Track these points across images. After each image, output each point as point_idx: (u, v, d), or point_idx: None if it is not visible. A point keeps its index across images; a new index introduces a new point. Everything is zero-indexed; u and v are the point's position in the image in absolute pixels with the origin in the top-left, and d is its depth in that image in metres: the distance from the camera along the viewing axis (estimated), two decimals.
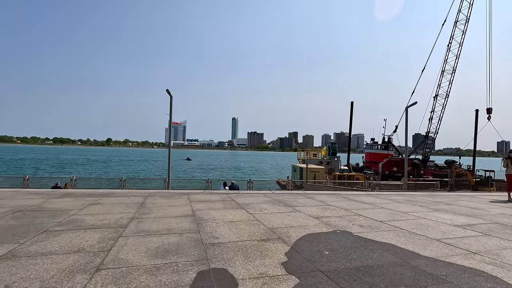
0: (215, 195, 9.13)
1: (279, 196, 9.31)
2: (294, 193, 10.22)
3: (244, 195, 9.29)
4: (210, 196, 8.84)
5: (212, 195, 8.98)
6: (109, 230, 4.65)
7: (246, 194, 9.63)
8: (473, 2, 31.93)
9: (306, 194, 10.03)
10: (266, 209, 6.78)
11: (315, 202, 8.12)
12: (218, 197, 8.65)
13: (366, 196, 9.81)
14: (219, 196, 8.75)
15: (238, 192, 10.19)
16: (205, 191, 10.27)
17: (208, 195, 9.08)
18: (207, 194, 9.21)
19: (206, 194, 9.36)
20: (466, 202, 8.96)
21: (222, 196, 8.89)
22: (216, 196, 8.86)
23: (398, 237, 4.65)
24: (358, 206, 7.53)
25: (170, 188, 15.78)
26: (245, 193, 9.96)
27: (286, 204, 7.63)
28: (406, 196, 10.17)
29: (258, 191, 10.62)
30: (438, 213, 6.80)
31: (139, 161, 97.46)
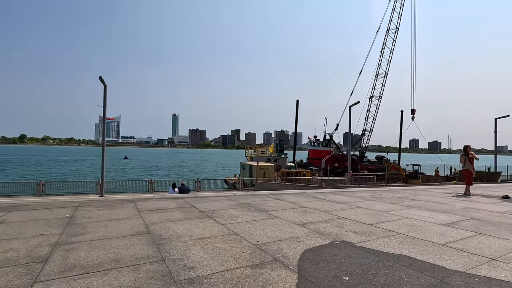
0: (169, 201, 7.62)
1: (244, 198, 8.25)
2: (258, 194, 9.30)
3: (204, 199, 7.98)
4: (163, 202, 7.30)
5: (166, 201, 7.45)
6: (15, 272, 2.98)
7: (206, 197, 8.33)
8: (401, 13, 35.60)
9: (271, 194, 9.19)
10: (238, 217, 5.67)
11: (287, 204, 7.29)
12: (173, 203, 7.18)
13: (332, 194, 9.43)
14: (174, 202, 7.27)
15: (196, 196, 8.81)
16: (155, 196, 8.62)
17: (160, 201, 7.52)
18: (159, 200, 7.63)
19: (157, 200, 7.77)
20: (426, 196, 9.19)
21: (178, 202, 7.43)
22: (171, 202, 7.36)
23: (403, 244, 4.05)
24: (333, 207, 6.96)
25: (107, 192, 13.39)
26: (204, 196, 8.63)
27: (258, 208, 6.63)
28: (369, 192, 10.12)
29: (218, 193, 9.40)
30: (414, 211, 6.61)
31: (64, 161, 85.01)
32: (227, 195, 8.94)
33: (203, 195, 8.89)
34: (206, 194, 9.03)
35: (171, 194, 13.78)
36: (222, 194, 9.01)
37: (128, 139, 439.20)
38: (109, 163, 74.18)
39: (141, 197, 8.25)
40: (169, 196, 8.54)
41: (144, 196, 8.48)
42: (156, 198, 8.04)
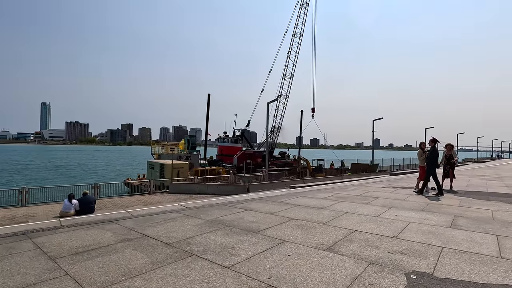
0: (94, 229, 4.83)
1: (202, 212, 6.21)
2: (213, 203, 7.37)
3: (148, 219, 5.52)
4: (86, 233, 4.53)
5: (90, 231, 4.67)
6: None
7: (149, 216, 5.84)
8: (305, 20, 38.68)
9: (235, 203, 7.37)
10: (233, 248, 3.82)
11: (267, 216, 5.74)
12: (107, 233, 4.54)
13: (294, 197, 8.41)
14: (108, 232, 4.62)
15: (132, 215, 6.08)
16: (61, 221, 5.51)
17: (79, 231, 4.69)
18: (76, 230, 4.76)
19: (72, 229, 4.85)
20: (379, 193, 9.34)
21: (112, 229, 4.78)
22: (99, 232, 4.65)
23: (474, 265, 3.30)
24: (322, 216, 5.87)
25: None
26: (143, 214, 6.07)
27: (241, 228, 4.85)
28: (327, 192, 9.53)
29: (160, 207, 6.94)
30: (404, 212, 6.24)
31: None
32: (175, 208, 6.67)
33: (140, 212, 6.34)
34: (144, 210, 6.49)
35: (67, 210, 10.01)
36: (169, 208, 6.67)
37: None
38: None
39: (38, 226, 5.09)
40: (86, 220, 5.62)
41: (42, 225, 5.29)
42: (68, 226, 5.08)
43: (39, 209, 14.75)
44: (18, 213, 13.52)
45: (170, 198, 18.41)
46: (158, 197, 18.92)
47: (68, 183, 35.40)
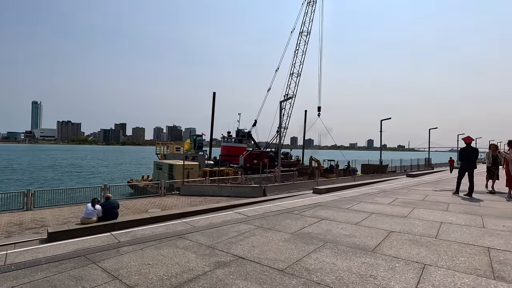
0: (169, 246, 3.78)
1: (271, 221, 5.23)
2: (276, 209, 6.40)
3: (219, 231, 4.52)
4: (162, 254, 3.50)
5: (167, 250, 3.63)
6: None
7: (218, 226, 4.83)
8: (313, 18, 37.97)
9: (297, 210, 6.42)
10: (380, 280, 2.93)
11: (366, 229, 4.84)
12: (191, 255, 3.49)
13: (357, 203, 7.49)
14: (189, 252, 3.57)
15: (202, 227, 5.03)
16: (117, 237, 4.47)
17: (151, 250, 3.63)
18: (148, 249, 3.72)
19: (142, 248, 3.82)
20: (444, 198, 8.42)
21: (191, 248, 3.70)
22: (180, 251, 3.58)
23: None
24: (428, 227, 4.99)
25: None
26: (208, 224, 5.05)
27: (347, 244, 3.92)
28: (384, 196, 8.62)
29: (220, 215, 5.97)
30: (464, 216, 5.43)
31: None
32: (236, 217, 5.71)
33: (199, 222, 5.35)
34: (202, 220, 5.48)
35: (89, 216, 8.96)
36: (229, 217, 5.69)
37: None
38: None
39: (91, 244, 4.07)
40: (145, 234, 4.61)
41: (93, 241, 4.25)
42: (129, 243, 4.07)
43: (47, 213, 13.61)
44: (25, 218, 12.38)
45: (185, 201, 17.37)
46: (171, 200, 17.86)
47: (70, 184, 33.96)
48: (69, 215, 13.07)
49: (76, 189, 16.85)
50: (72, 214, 13.43)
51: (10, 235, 9.74)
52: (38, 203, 14.68)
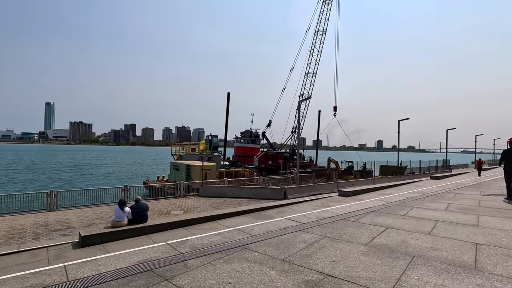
0: (239, 260, 3.36)
1: (330, 229, 4.75)
2: (328, 216, 5.93)
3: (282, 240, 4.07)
4: (237, 269, 3.05)
5: (239, 264, 3.19)
6: None
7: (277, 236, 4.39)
8: (329, 17, 37.32)
9: (348, 216, 5.94)
10: None
11: (446, 241, 4.33)
12: (270, 272, 3.04)
13: (409, 208, 6.95)
14: (268, 268, 3.12)
15: (260, 235, 4.55)
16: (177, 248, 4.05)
17: (222, 264, 3.17)
18: (217, 262, 3.29)
19: (211, 261, 3.36)
20: (468, 200, 7.86)
21: (264, 262, 3.25)
22: (255, 266, 3.14)
23: None
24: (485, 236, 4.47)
25: None
26: (265, 232, 4.60)
27: (442, 260, 3.43)
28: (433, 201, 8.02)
29: (274, 222, 5.54)
30: None
31: None
32: (290, 224, 5.27)
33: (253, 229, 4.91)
34: (256, 227, 5.03)
35: (120, 219, 8.66)
36: (283, 225, 5.27)
37: None
38: None
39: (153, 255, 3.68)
40: (204, 244, 4.18)
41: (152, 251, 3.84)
42: (192, 256, 3.65)
43: (70, 214, 13.45)
44: (50, 219, 12.20)
45: (206, 203, 17.02)
46: (192, 201, 17.55)
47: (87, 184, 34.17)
48: (93, 217, 12.86)
49: (97, 190, 16.69)
50: (96, 215, 13.22)
51: (38, 237, 9.52)
52: (60, 203, 14.56)
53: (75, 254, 6.99)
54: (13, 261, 6.64)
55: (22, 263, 6.42)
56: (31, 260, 6.66)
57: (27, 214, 13.22)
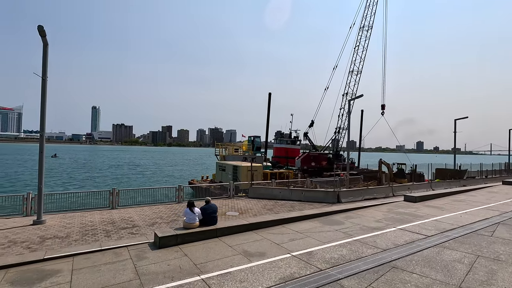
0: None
1: (486, 242, 3.97)
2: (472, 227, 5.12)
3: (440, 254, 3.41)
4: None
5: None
6: None
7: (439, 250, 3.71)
8: (375, 11, 35.33)
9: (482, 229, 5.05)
10: None
11: None
12: None
13: None
14: None
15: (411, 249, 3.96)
16: (316, 264, 3.58)
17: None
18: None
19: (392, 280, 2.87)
20: None
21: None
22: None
23: None
24: None
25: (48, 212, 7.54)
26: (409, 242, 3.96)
27: None
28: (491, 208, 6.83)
29: (384, 233, 4.87)
30: None
31: None
32: (414, 234, 4.53)
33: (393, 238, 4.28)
34: (385, 240, 4.40)
35: (192, 221, 8.45)
36: (409, 236, 4.55)
37: (34, 133, 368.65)
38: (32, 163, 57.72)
39: (300, 272, 3.20)
40: (341, 257, 3.66)
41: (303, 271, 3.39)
42: (337, 269, 3.13)
43: (131, 212, 13.75)
44: (115, 217, 12.52)
45: (257, 204, 16.62)
46: (243, 203, 17.25)
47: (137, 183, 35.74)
48: (153, 216, 12.99)
49: (153, 189, 16.99)
50: (155, 214, 13.35)
51: (109, 234, 9.67)
52: (121, 202, 15.01)
53: (155, 256, 6.86)
54: (98, 259, 6.66)
55: (108, 262, 6.38)
56: (115, 260, 6.63)
57: (92, 211, 13.76)
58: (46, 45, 10.94)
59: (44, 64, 11.01)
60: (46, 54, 11.00)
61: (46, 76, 11.04)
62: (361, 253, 3.72)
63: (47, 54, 11.03)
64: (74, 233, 9.59)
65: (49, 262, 6.50)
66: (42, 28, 10.53)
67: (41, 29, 10.51)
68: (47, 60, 11.08)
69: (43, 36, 10.67)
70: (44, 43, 10.87)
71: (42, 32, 10.53)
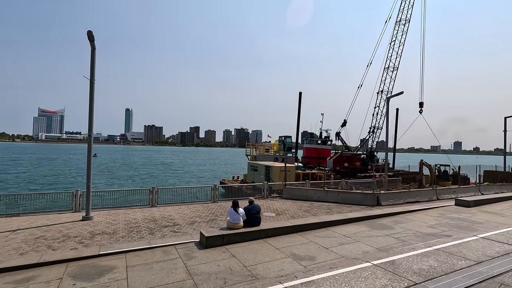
0: None
1: None
2: None
3: None
4: None
5: None
6: None
7: None
8: (413, 3, 33.44)
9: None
10: None
11: None
12: None
13: None
14: None
15: None
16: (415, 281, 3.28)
17: None
18: None
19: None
20: None
21: None
22: None
23: None
24: None
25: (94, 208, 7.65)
26: None
27: None
28: None
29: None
30: None
31: None
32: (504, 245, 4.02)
33: None
34: (473, 251, 3.99)
35: (236, 221, 8.34)
36: (499, 248, 4.07)
37: (74, 135, 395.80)
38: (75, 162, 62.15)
39: None
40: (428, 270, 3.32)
41: None
42: None
43: (170, 210, 14.00)
44: (155, 215, 12.80)
45: (293, 206, 16.26)
46: (278, 203, 16.98)
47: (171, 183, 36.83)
48: (191, 214, 13.10)
49: (190, 189, 17.16)
50: (193, 213, 13.47)
51: (153, 232, 9.84)
52: (160, 200, 15.37)
53: (203, 255, 6.76)
54: (149, 257, 6.73)
55: (159, 261, 6.38)
56: (166, 258, 6.64)
57: (134, 208, 14.19)
58: (94, 49, 11.40)
59: (92, 68, 11.50)
60: (93, 57, 11.47)
61: (94, 79, 11.52)
62: (452, 265, 3.31)
63: (95, 58, 11.51)
64: (120, 229, 9.85)
65: (104, 258, 6.69)
66: (91, 33, 11.00)
67: (90, 34, 10.98)
68: (95, 63, 11.56)
69: (92, 41, 11.14)
70: (92, 48, 11.34)
71: (91, 37, 10.99)
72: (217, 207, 14.88)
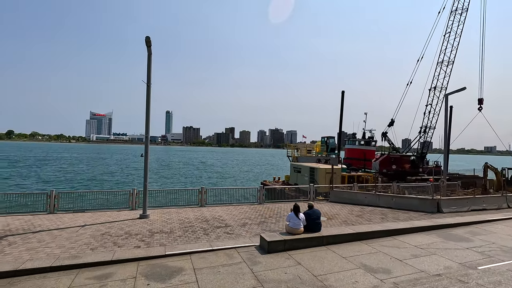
0: None
1: None
2: None
3: None
4: None
5: None
6: None
7: None
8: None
9: None
10: None
11: None
12: None
13: None
14: None
15: None
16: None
17: None
18: None
19: None
20: None
21: None
22: None
23: None
24: None
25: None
26: None
27: None
28: None
29: None
30: None
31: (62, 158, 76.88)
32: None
33: None
34: None
35: (297, 226, 7.99)
36: None
37: (120, 136, 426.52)
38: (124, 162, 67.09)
39: None
40: None
41: None
42: None
43: (219, 211, 14.07)
44: (205, 215, 12.92)
45: (343, 210, 15.47)
46: (326, 207, 16.29)
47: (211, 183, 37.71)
48: (240, 216, 13.01)
49: (236, 189, 17.13)
50: (242, 214, 13.37)
51: (207, 232, 9.85)
52: (208, 200, 15.56)
53: (268, 261, 6.56)
54: (214, 260, 6.59)
55: (225, 264, 6.30)
56: (230, 262, 6.46)
57: (184, 207, 14.49)
58: (150, 54, 11.80)
59: (149, 72, 11.92)
60: (150, 62, 11.88)
61: (150, 82, 11.93)
62: None
63: (151, 62, 11.92)
64: (176, 228, 10.02)
65: (170, 258, 6.75)
66: (149, 39, 11.41)
67: (147, 40, 11.39)
68: (151, 68, 11.97)
69: (149, 46, 11.55)
70: (149, 53, 11.74)
71: (148, 42, 11.39)
72: (264, 209, 14.67)
